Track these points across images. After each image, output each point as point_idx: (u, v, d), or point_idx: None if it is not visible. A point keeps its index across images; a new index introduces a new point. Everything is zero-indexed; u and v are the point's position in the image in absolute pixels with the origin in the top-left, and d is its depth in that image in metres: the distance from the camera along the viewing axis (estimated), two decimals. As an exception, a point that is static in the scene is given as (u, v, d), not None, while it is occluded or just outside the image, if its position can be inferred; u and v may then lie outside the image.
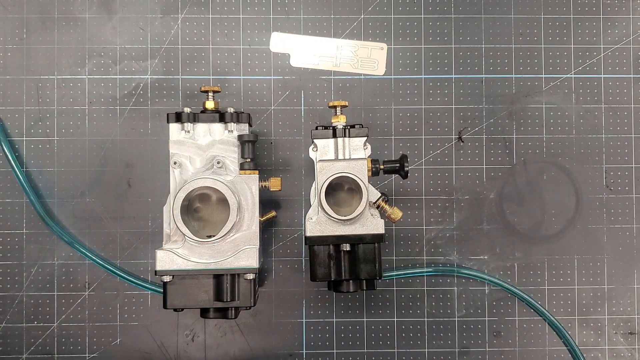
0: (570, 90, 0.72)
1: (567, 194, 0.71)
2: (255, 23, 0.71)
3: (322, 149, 0.61)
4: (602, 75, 0.72)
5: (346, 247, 0.59)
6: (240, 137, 0.60)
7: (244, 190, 0.60)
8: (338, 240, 0.59)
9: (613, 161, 0.71)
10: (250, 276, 0.59)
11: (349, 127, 0.61)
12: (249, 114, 0.62)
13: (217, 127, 0.61)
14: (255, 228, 0.60)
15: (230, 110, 0.61)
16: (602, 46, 0.72)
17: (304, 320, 0.70)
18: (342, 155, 0.61)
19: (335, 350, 0.70)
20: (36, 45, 0.70)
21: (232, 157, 0.61)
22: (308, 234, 0.60)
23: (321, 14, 0.71)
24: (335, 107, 0.62)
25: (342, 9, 0.71)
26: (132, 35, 0.71)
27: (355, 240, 0.59)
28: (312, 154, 0.61)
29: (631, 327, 0.71)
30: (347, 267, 0.60)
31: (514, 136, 0.71)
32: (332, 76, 0.71)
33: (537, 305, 0.69)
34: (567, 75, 0.72)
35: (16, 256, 0.70)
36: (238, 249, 0.59)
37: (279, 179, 0.62)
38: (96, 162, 0.70)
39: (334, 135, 0.61)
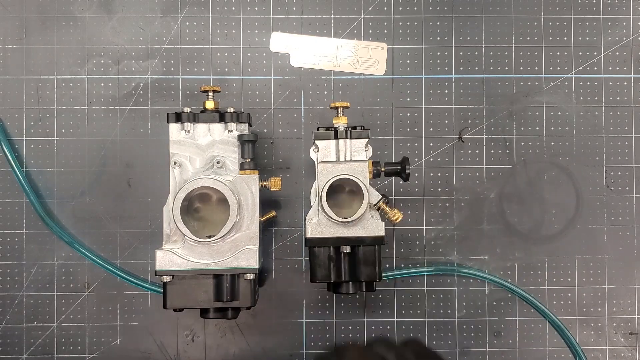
0: (570, 90, 0.72)
1: (567, 194, 0.71)
2: (255, 23, 0.71)
3: (324, 150, 0.61)
4: (602, 75, 0.72)
5: (346, 249, 0.59)
6: (240, 137, 0.60)
7: (244, 190, 0.60)
8: (338, 242, 0.59)
9: (613, 161, 0.71)
10: (250, 276, 0.59)
11: (350, 129, 0.61)
12: (249, 114, 0.62)
13: (217, 127, 0.61)
14: (255, 228, 0.60)
15: (230, 110, 0.61)
16: (602, 46, 0.72)
17: (304, 320, 0.70)
18: (343, 157, 0.61)
19: (335, 350, 0.70)
20: (36, 45, 0.70)
21: (232, 157, 0.61)
22: (308, 235, 0.59)
23: (321, 14, 0.71)
24: (336, 108, 0.62)
25: (342, 9, 0.71)
26: (132, 35, 0.71)
27: (356, 242, 0.59)
28: (313, 155, 0.61)
29: (631, 327, 0.71)
30: (347, 268, 0.60)
31: (514, 136, 0.71)
32: (332, 76, 0.71)
33: (539, 304, 0.69)
34: (567, 75, 0.72)
35: (16, 256, 0.70)
36: (238, 249, 0.59)
37: (279, 179, 0.62)
38: (96, 162, 0.70)
39: (336, 137, 0.61)
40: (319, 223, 0.60)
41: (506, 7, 0.72)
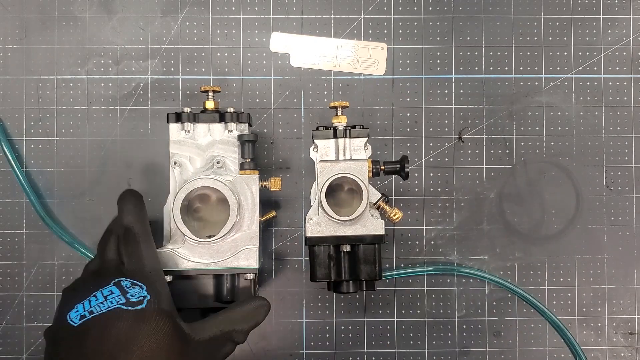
0: (570, 90, 0.72)
1: (567, 194, 0.71)
2: (255, 23, 0.71)
3: (323, 150, 0.61)
4: (602, 75, 0.72)
5: (346, 247, 0.59)
6: (240, 137, 0.60)
7: (244, 190, 0.60)
8: (338, 240, 0.59)
9: (613, 161, 0.71)
10: (250, 276, 0.59)
11: (349, 128, 0.61)
12: (249, 114, 0.62)
13: (217, 127, 0.61)
14: (255, 228, 0.60)
15: (230, 110, 0.60)
16: (602, 46, 0.72)
17: (304, 320, 0.70)
18: (342, 156, 0.61)
19: (335, 350, 0.70)
20: (36, 45, 0.70)
21: (232, 157, 0.61)
22: (308, 234, 0.59)
23: (321, 14, 0.71)
24: (336, 107, 0.62)
25: (342, 9, 0.71)
26: (132, 35, 0.71)
27: (356, 241, 0.59)
28: (312, 155, 0.61)
29: (631, 327, 0.71)
30: (347, 267, 0.60)
31: (514, 136, 0.71)
32: (332, 76, 0.71)
33: (538, 304, 0.69)
34: (567, 75, 0.72)
35: (16, 256, 0.70)
36: (238, 249, 0.59)
37: (279, 179, 0.62)
38: (96, 162, 0.70)
39: (335, 136, 0.61)
40: (318, 222, 0.60)
41: (506, 7, 0.72)
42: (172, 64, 0.71)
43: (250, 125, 0.62)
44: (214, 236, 0.58)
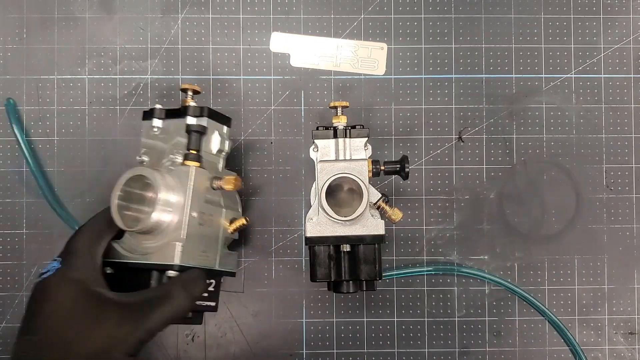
0: (570, 90, 0.72)
1: (567, 194, 0.71)
2: (255, 23, 0.71)
3: (323, 150, 0.61)
4: (602, 75, 0.72)
5: (346, 247, 0.59)
6: (187, 126, 0.58)
7: (182, 182, 0.57)
8: (338, 240, 0.59)
9: (613, 161, 0.71)
10: (172, 273, 0.55)
11: (349, 128, 0.61)
12: (208, 108, 0.59)
13: (182, 122, 0.59)
14: (184, 224, 0.56)
15: (192, 103, 0.59)
16: (602, 46, 0.72)
17: (304, 320, 0.70)
18: (342, 156, 0.61)
19: (335, 350, 0.70)
20: (36, 45, 0.70)
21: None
22: (308, 234, 0.59)
23: (321, 14, 0.71)
24: (336, 107, 0.62)
25: (342, 9, 0.71)
26: (132, 35, 0.71)
27: (356, 241, 0.59)
28: (312, 155, 0.61)
29: (631, 327, 0.71)
30: (347, 267, 0.60)
31: (514, 136, 0.71)
32: (332, 76, 0.71)
33: (538, 304, 0.69)
34: (567, 75, 0.72)
35: (16, 256, 0.70)
36: (163, 243, 0.56)
37: (234, 177, 0.59)
38: (96, 162, 0.70)
39: (335, 136, 0.61)
40: (318, 222, 0.60)
41: (506, 7, 0.72)
42: (172, 64, 0.71)
43: (229, 126, 0.61)
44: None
